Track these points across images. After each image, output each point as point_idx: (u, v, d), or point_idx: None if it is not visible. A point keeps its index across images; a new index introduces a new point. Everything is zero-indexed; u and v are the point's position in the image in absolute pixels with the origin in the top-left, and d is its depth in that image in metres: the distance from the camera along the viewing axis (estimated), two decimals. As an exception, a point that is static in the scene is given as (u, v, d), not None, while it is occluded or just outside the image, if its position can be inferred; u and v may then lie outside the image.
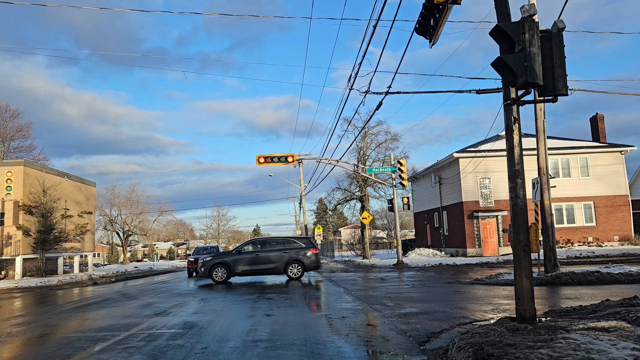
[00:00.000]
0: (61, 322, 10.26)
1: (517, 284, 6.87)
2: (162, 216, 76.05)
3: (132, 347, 7.18)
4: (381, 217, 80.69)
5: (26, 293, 20.29)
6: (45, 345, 7.68)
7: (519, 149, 7.03)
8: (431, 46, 8.84)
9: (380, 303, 11.28)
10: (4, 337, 8.67)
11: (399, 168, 28.72)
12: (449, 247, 35.86)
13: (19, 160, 32.87)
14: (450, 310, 9.64)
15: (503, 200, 31.85)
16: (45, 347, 7.46)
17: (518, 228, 6.92)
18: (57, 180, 34.48)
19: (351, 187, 39.82)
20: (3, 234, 30.35)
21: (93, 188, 43.23)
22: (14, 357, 6.93)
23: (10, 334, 8.93)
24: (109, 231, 70.84)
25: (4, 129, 50.53)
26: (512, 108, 7.05)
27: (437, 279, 17.63)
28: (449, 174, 34.86)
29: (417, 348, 6.46)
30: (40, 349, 7.34)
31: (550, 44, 6.54)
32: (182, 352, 6.66)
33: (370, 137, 37.93)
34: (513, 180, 7.01)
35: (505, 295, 11.86)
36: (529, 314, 6.73)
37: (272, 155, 28.94)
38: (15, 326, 9.96)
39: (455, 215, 34.30)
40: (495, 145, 31.60)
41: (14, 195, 27.84)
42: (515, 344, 5.33)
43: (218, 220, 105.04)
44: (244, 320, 9.38)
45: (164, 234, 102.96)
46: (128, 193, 68.10)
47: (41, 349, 7.33)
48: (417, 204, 43.85)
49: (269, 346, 6.88)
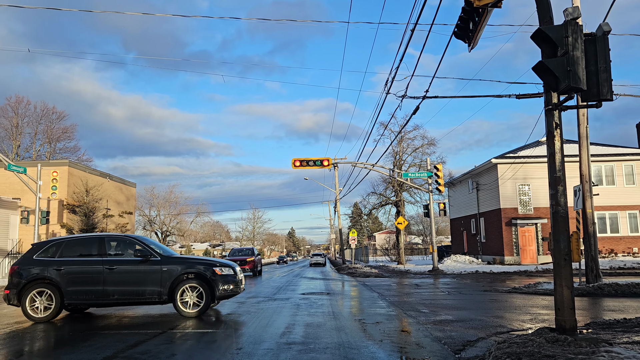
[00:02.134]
0: (101, 320, 10.55)
1: (557, 293, 6.69)
2: (199, 217, 77.48)
3: (167, 344, 7.33)
4: (417, 222, 79.97)
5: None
6: (88, 342, 7.92)
7: (561, 155, 6.86)
8: (470, 50, 8.73)
9: (414, 309, 11.17)
10: (51, 331, 8.98)
11: (435, 173, 28.40)
12: (485, 255, 35.19)
13: (64, 161, 34.08)
14: (487, 319, 9.46)
15: (543, 207, 31.08)
16: (86, 345, 7.69)
17: (559, 236, 6.75)
18: (99, 180, 35.56)
19: (386, 192, 39.63)
20: (48, 232, 31.48)
21: (133, 189, 44.38)
22: (57, 352, 7.16)
23: (54, 329, 9.25)
24: (148, 231, 72.50)
25: (51, 131, 52.50)
26: (554, 113, 6.89)
27: (473, 287, 17.32)
28: (486, 180, 34.25)
29: (452, 356, 6.36)
30: (85, 345, 7.57)
31: (595, 47, 6.36)
32: (217, 354, 6.75)
33: (406, 141, 37.71)
34: (554, 187, 6.85)
35: (544, 305, 11.56)
36: (569, 325, 6.54)
37: (308, 159, 29.08)
38: (58, 320, 10.31)
39: (492, 222, 33.65)
40: (535, 151, 30.88)
41: (59, 194, 28.83)
42: (555, 355, 5.19)
43: (253, 223, 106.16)
44: (279, 323, 9.43)
45: (200, 235, 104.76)
46: (167, 194, 69.68)
47: (84, 346, 7.56)
48: (453, 210, 43.24)
49: (302, 349, 6.90)
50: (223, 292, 10.41)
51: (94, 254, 10.61)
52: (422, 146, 37.42)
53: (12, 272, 10.51)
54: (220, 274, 10.43)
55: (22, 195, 31.09)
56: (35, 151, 51.73)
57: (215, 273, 10.39)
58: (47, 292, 10.23)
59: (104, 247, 10.69)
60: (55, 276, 10.26)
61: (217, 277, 10.38)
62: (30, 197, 28.84)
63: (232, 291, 10.56)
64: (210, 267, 10.48)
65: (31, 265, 10.47)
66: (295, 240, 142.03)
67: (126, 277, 10.31)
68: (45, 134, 52.33)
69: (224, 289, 10.38)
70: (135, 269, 10.36)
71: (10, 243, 30.73)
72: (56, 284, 10.24)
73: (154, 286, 10.26)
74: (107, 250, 10.67)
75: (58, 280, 10.23)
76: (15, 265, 10.65)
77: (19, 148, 50.99)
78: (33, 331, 9.05)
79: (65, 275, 10.28)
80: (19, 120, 50.83)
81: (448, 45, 20.71)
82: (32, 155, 51.10)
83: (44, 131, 52.34)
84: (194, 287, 10.27)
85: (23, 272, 10.42)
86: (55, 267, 10.36)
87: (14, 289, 10.31)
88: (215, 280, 10.35)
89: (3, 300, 10.48)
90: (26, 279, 10.31)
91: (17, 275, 10.42)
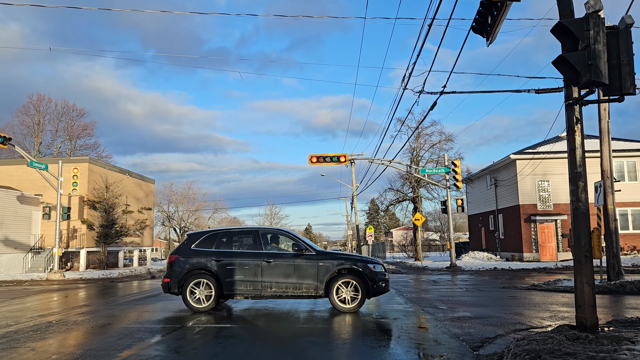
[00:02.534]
0: (121, 313, 10.71)
1: (578, 290, 6.61)
2: (216, 213, 78.01)
3: (188, 339, 7.42)
4: (434, 218, 79.47)
5: (90, 284, 21.30)
6: (107, 334, 8.04)
7: (581, 150, 6.76)
8: (488, 45, 8.64)
9: (432, 306, 11.12)
10: (71, 324, 9.14)
11: (453, 169, 28.20)
12: (504, 251, 34.87)
13: (84, 158, 34.58)
14: (505, 316, 9.38)
15: (563, 204, 30.66)
16: (108, 337, 7.82)
17: (579, 233, 6.66)
18: (119, 177, 36.01)
19: (404, 188, 39.42)
20: (69, 228, 31.99)
21: (152, 185, 44.84)
22: (79, 344, 7.30)
23: (76, 322, 9.41)
24: (166, 227, 73.33)
25: (71, 128, 53.29)
26: (574, 108, 6.79)
27: (491, 284, 17.19)
28: (505, 176, 33.91)
29: (471, 353, 6.33)
30: (103, 338, 7.69)
31: (617, 40, 6.25)
32: (241, 346, 6.81)
33: (423, 137, 37.45)
34: (574, 183, 6.75)
35: (564, 302, 11.42)
36: (590, 323, 6.46)
37: (325, 155, 29.05)
38: (80, 315, 10.49)
39: (511, 218, 33.32)
40: (555, 146, 30.45)
41: (79, 190, 29.26)
42: (576, 353, 5.13)
43: (270, 219, 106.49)
44: (297, 312, 9.48)
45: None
46: (185, 190, 70.32)
47: (104, 338, 7.69)
48: (471, 206, 42.89)
49: (321, 347, 6.92)
50: (377, 289, 10.25)
51: (251, 246, 10.74)
52: (439, 142, 37.15)
53: (172, 262, 10.70)
54: (374, 270, 10.29)
55: (43, 192, 31.64)
56: (56, 148, 52.57)
57: (370, 269, 10.26)
58: (206, 283, 10.40)
59: (259, 240, 10.79)
60: (214, 267, 10.41)
61: (371, 274, 10.22)
62: (52, 194, 29.32)
63: (384, 288, 10.35)
64: (364, 263, 10.36)
65: (190, 255, 10.65)
66: (312, 237, 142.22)
67: (283, 270, 10.31)
68: (66, 131, 53.15)
69: (377, 286, 10.22)
70: (292, 262, 10.35)
71: (33, 238, 31.33)
72: (215, 275, 10.39)
73: (311, 280, 10.22)
74: (262, 243, 10.76)
75: (217, 271, 10.37)
76: (174, 255, 10.85)
77: (41, 145, 51.87)
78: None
79: (224, 266, 10.41)
80: (40, 118, 51.69)
81: (466, 40, 20.53)
82: (53, 152, 51.94)
83: (65, 128, 53.18)
84: (348, 282, 10.18)
85: (183, 261, 10.60)
86: (214, 258, 10.50)
87: (175, 278, 10.53)
88: (370, 277, 10.18)
89: (163, 288, 10.74)
90: (187, 269, 10.50)
91: (178, 264, 10.62)
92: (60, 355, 6.46)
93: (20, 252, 30.01)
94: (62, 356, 6.42)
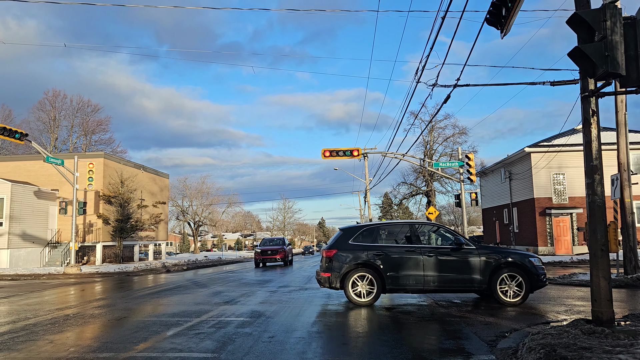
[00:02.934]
0: (137, 307, 10.84)
1: (594, 284, 6.55)
2: (230, 208, 78.44)
3: (202, 332, 7.49)
4: (448, 212, 79.16)
5: (105, 278, 21.57)
6: (124, 327, 8.15)
7: (597, 143, 6.68)
8: (502, 37, 8.54)
9: (446, 300, 11.10)
10: (88, 318, 9.28)
11: (467, 163, 27.99)
12: (518, 245, 34.62)
13: (100, 153, 34.92)
14: (520, 310, 9.33)
15: (578, 197, 30.34)
16: (124, 330, 7.92)
17: (595, 226, 6.59)
18: (133, 172, 36.33)
19: (417, 182, 39.33)
20: (85, 222, 32.38)
21: (167, 180, 45.18)
22: (96, 337, 7.41)
23: (92, 316, 9.55)
24: (180, 221, 73.87)
25: (86, 123, 53.87)
26: (591, 100, 6.71)
27: (506, 277, 17.07)
28: (519, 169, 33.62)
29: (485, 347, 6.31)
30: (119, 331, 7.80)
31: (635, 31, 6.15)
32: (250, 340, 6.87)
33: (437, 131, 37.32)
34: (590, 176, 6.68)
35: (580, 296, 11.33)
36: (606, 317, 6.41)
37: (338, 149, 29.00)
38: (97, 308, 10.64)
39: (526, 212, 33.05)
40: (570, 139, 30.10)
41: (95, 185, 29.61)
42: (591, 347, 5.09)
43: (284, 213, 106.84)
44: (310, 312, 9.51)
45: (232, 225, 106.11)
46: (199, 185, 70.76)
47: (120, 331, 7.79)
48: (485, 200, 42.61)
49: (334, 337, 6.95)
50: (539, 283, 10.03)
51: (409, 240, 10.55)
52: (453, 135, 37.01)
53: (332, 256, 10.55)
54: (535, 264, 10.07)
55: (60, 187, 32.04)
56: (72, 143, 53.18)
57: (532, 263, 10.04)
58: (369, 277, 10.26)
59: (416, 233, 10.65)
60: (377, 261, 10.24)
61: (533, 268, 10.00)
62: (68, 189, 29.67)
63: (544, 282, 10.14)
64: (525, 257, 10.14)
65: (350, 249, 10.52)
66: (325, 231, 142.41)
67: (445, 264, 10.14)
68: (81, 127, 53.74)
69: (539, 280, 9.99)
70: (453, 256, 10.19)
71: (50, 233, 31.77)
72: (377, 269, 10.24)
73: (473, 274, 10.02)
74: (420, 237, 10.64)
75: (380, 266, 10.21)
76: (332, 249, 10.68)
77: (57, 140, 52.50)
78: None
79: (386, 261, 10.23)
80: (56, 114, 52.29)
81: (480, 33, 20.26)
82: (69, 148, 52.55)
83: (80, 124, 53.78)
84: (512, 276, 9.96)
85: (344, 256, 10.45)
86: (375, 252, 10.32)
87: (336, 272, 10.40)
88: (532, 271, 9.96)
89: (320, 283, 10.67)
90: (348, 263, 10.36)
91: (338, 259, 10.48)
92: (78, 348, 6.57)
93: (37, 246, 30.47)
94: (80, 348, 6.52)
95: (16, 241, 28.63)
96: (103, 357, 6.04)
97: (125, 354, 6.14)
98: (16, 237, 28.62)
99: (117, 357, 5.99)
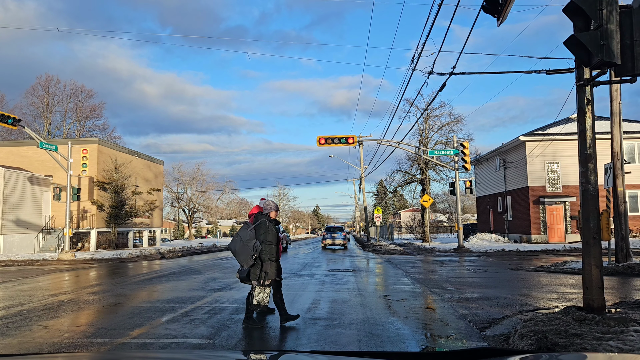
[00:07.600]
0: (132, 293, 10.86)
1: (586, 272, 6.61)
2: (225, 195, 78.22)
3: (197, 319, 7.52)
4: (442, 200, 79.42)
5: (100, 264, 21.56)
6: (118, 313, 8.17)
7: (592, 132, 6.70)
8: (499, 25, 8.51)
9: (440, 287, 11.17)
10: (82, 304, 9.29)
11: (462, 151, 28.05)
12: (512, 233, 34.83)
13: (94, 139, 34.72)
14: (513, 297, 9.42)
15: (572, 185, 30.48)
16: (118, 316, 7.94)
17: (588, 215, 6.63)
18: (128, 158, 36.18)
19: (412, 170, 39.33)
20: (79, 209, 32.29)
21: (161, 166, 45.02)
22: (90, 323, 7.43)
23: (87, 302, 9.56)
24: (175, 208, 73.73)
25: (80, 109, 53.45)
26: (585, 89, 6.71)
27: (499, 265, 17.21)
28: (514, 158, 33.71)
29: (477, 333, 6.37)
30: (114, 317, 7.82)
31: (631, 20, 6.13)
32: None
33: (432, 119, 37.22)
34: (584, 165, 6.71)
35: (572, 284, 11.43)
36: (597, 304, 6.47)
37: (333, 136, 28.96)
38: (91, 294, 10.65)
39: (520, 200, 33.20)
40: (565, 128, 30.18)
41: (89, 171, 29.43)
42: (582, 334, 5.15)
43: (279, 200, 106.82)
44: (305, 299, 9.56)
45: (227, 212, 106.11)
46: (194, 172, 70.54)
47: (115, 317, 7.81)
48: (480, 188, 42.75)
49: (328, 324, 7.00)
50: None
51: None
52: (448, 123, 36.92)
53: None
54: None
55: (53, 173, 31.87)
56: (65, 129, 52.79)
57: None
58: None
59: None
60: None
61: None
62: (62, 175, 29.53)
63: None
64: None
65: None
66: (320, 218, 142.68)
67: None
68: (75, 112, 53.30)
69: None
70: None
71: (44, 219, 31.67)
72: None
73: None
74: None
75: None
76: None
77: (50, 126, 52.09)
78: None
79: None
80: (49, 99, 51.82)
81: (476, 21, 20.17)
82: (62, 133, 52.19)
83: (74, 109, 53.32)
84: None
85: None
86: None
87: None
88: None
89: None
90: None
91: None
92: (72, 334, 6.58)
93: (31, 232, 30.38)
94: (74, 334, 6.54)
95: (10, 227, 28.53)
96: (98, 342, 6.06)
97: (120, 340, 6.16)
98: (10, 223, 28.52)
99: (112, 343, 6.01)
